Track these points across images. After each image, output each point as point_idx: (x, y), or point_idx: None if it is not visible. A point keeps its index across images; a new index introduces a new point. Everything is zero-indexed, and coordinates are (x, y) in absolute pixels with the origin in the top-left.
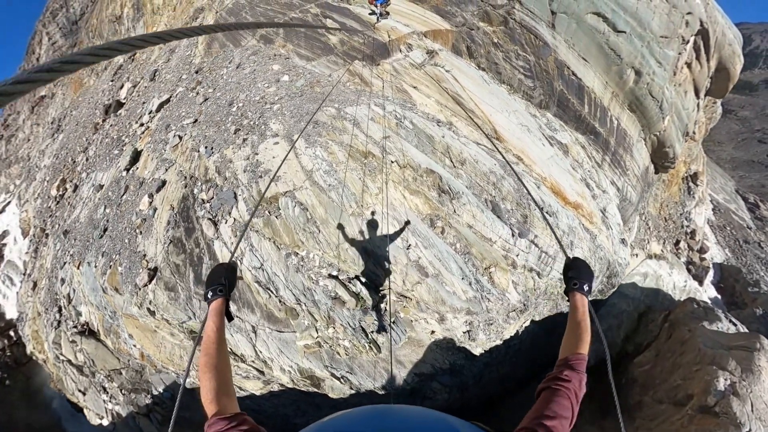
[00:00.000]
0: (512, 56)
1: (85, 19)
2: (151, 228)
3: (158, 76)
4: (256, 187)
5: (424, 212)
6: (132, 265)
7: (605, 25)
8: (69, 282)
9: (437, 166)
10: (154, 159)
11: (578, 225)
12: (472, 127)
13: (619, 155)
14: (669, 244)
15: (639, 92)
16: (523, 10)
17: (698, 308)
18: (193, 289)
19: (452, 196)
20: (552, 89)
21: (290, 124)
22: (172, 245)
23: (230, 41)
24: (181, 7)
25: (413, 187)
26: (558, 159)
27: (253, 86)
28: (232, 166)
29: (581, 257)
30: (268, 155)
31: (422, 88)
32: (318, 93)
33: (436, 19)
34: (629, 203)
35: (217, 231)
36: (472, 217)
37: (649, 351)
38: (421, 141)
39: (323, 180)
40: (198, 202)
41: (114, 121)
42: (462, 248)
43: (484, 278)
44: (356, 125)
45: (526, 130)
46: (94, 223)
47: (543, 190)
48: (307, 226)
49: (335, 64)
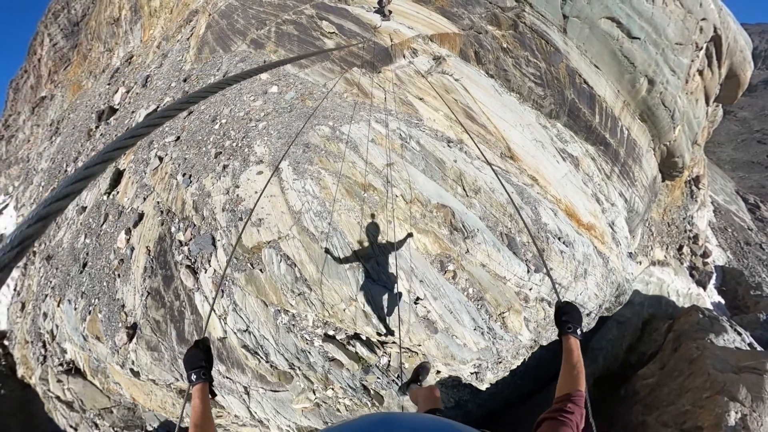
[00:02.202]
0: (522, 63)
1: (85, 20)
2: (129, 272)
3: (150, 82)
4: (235, 233)
5: (434, 253)
6: (111, 315)
7: (619, 30)
8: (51, 317)
9: (448, 195)
10: (134, 183)
11: (592, 251)
12: (485, 145)
13: (628, 166)
14: (672, 250)
15: (651, 102)
16: (533, 14)
17: (703, 318)
18: (177, 349)
19: (466, 234)
20: (563, 98)
21: (276, 147)
22: (151, 298)
23: (220, 46)
24: (177, 10)
25: (421, 225)
26: (571, 177)
27: (238, 99)
28: (210, 203)
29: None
30: (249, 189)
31: (429, 99)
32: (310, 108)
33: (442, 21)
34: (636, 214)
35: (196, 281)
36: (487, 256)
37: (654, 363)
38: (429, 166)
39: (314, 225)
40: (175, 245)
41: (104, 129)
42: (475, 294)
43: (497, 324)
44: (354, 149)
45: (540, 146)
46: (75, 253)
47: (560, 217)
48: (296, 286)
49: (331, 72)
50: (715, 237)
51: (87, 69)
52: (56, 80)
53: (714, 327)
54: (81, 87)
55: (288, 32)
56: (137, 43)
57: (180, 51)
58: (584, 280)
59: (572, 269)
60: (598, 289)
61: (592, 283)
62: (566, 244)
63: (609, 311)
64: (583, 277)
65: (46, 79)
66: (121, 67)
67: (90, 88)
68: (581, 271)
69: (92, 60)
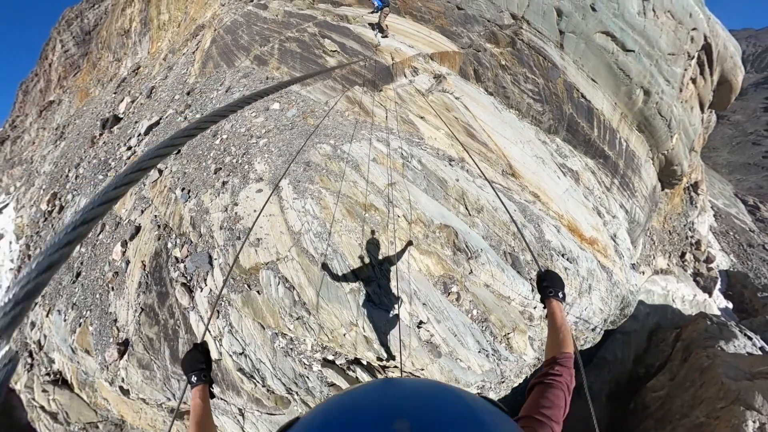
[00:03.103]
0: (521, 79)
1: (97, 30)
2: (123, 286)
3: (154, 93)
4: (233, 252)
5: (437, 274)
6: (103, 329)
7: (614, 44)
8: (39, 327)
9: (451, 215)
10: (133, 194)
11: (596, 266)
12: (487, 163)
13: (627, 177)
14: (675, 257)
15: (648, 112)
16: (530, 30)
17: (711, 325)
18: (171, 368)
19: (469, 255)
20: (561, 113)
21: (277, 164)
22: (144, 314)
23: (224, 61)
24: (185, 24)
25: (424, 246)
26: (572, 191)
27: (240, 114)
28: (209, 219)
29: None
30: (248, 208)
31: (430, 118)
32: (311, 126)
33: (442, 40)
34: (637, 225)
35: (192, 300)
36: (491, 277)
37: (663, 374)
38: (431, 185)
39: (313, 247)
40: (171, 261)
41: (107, 138)
42: (479, 315)
43: (502, 345)
44: (355, 168)
45: (541, 162)
46: (69, 262)
47: (563, 233)
48: (294, 310)
49: (333, 90)
50: (717, 241)
51: (95, 77)
52: (65, 86)
53: (723, 333)
54: (88, 94)
55: (291, 49)
56: (145, 54)
57: (185, 64)
58: (588, 296)
59: (576, 285)
60: (602, 304)
61: (597, 297)
62: (570, 260)
63: (614, 324)
64: (588, 292)
65: (55, 83)
66: (128, 77)
67: (97, 96)
68: (585, 286)
69: (101, 68)
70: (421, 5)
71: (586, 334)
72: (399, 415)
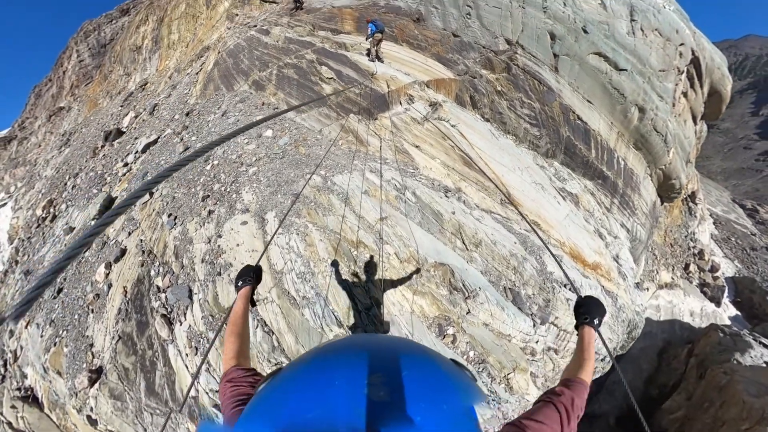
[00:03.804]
0: (517, 104)
1: (112, 44)
2: (103, 310)
3: (157, 110)
4: (212, 289)
5: (431, 315)
6: (77, 353)
7: (607, 64)
8: (17, 337)
9: (447, 250)
10: (122, 215)
11: (600, 292)
12: (484, 193)
13: (627, 196)
14: (678, 270)
15: (644, 129)
16: (525, 55)
17: (724, 337)
18: (144, 401)
19: (467, 294)
20: (558, 136)
21: (265, 195)
22: (122, 343)
23: (224, 84)
24: (192, 45)
25: (417, 287)
26: (573, 216)
27: (232, 140)
28: (191, 250)
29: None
30: (231, 242)
31: (426, 147)
32: (302, 155)
33: (438, 67)
34: (639, 242)
35: (171, 333)
36: (490, 316)
37: (678, 394)
38: (426, 218)
39: (295, 289)
40: (153, 290)
41: (108, 150)
42: (477, 357)
43: (501, 387)
44: (346, 201)
45: (540, 188)
46: None
47: (565, 262)
48: (273, 356)
49: (327, 118)
50: (720, 248)
51: (105, 89)
52: (76, 94)
53: (738, 344)
54: (97, 104)
55: (288, 76)
56: (153, 71)
57: (188, 84)
58: None
59: None
60: (609, 331)
61: (603, 325)
62: (572, 290)
63: (623, 349)
64: None
65: (67, 91)
66: (135, 91)
67: (104, 107)
68: None
69: (111, 81)
70: (417, 33)
71: (595, 364)
72: None
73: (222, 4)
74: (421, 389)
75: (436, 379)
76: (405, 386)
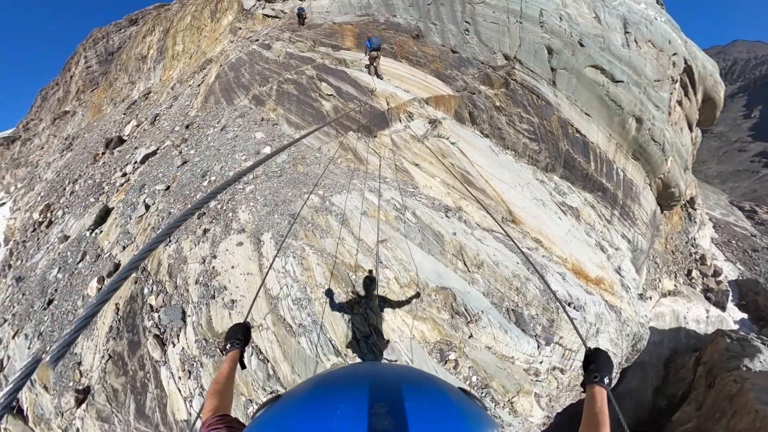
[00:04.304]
0: (516, 120)
1: (119, 52)
2: (93, 327)
3: (158, 121)
4: (206, 312)
5: (432, 341)
6: (65, 369)
7: (604, 77)
8: (5, 346)
9: (448, 272)
10: (118, 227)
11: (604, 308)
12: (486, 211)
13: (627, 207)
14: (681, 277)
15: (642, 139)
16: (523, 70)
17: (732, 342)
18: (134, 424)
19: (469, 318)
20: (558, 150)
21: (261, 215)
22: (112, 362)
23: (225, 98)
24: (196, 56)
25: (418, 312)
26: (575, 231)
27: (230, 156)
28: (185, 270)
29: (603, 348)
30: (226, 263)
31: (425, 165)
32: (301, 173)
33: (437, 83)
34: (641, 252)
35: (164, 354)
36: (493, 339)
37: (688, 404)
38: (426, 239)
39: (291, 316)
40: (146, 309)
41: (108, 158)
42: (479, 382)
43: (505, 410)
44: (344, 222)
45: (541, 204)
46: (44, 284)
47: (569, 279)
48: (268, 384)
49: (327, 135)
50: (721, 252)
51: (110, 95)
52: (82, 99)
53: (746, 350)
54: (101, 111)
55: (288, 91)
56: (157, 81)
57: (189, 96)
58: (596, 339)
59: (583, 333)
60: (613, 346)
61: (605, 340)
62: (577, 308)
63: (628, 361)
64: (595, 336)
65: (73, 95)
66: (139, 100)
67: (108, 114)
68: (593, 331)
69: (116, 88)
70: (416, 49)
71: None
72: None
73: (226, 18)
74: (427, 419)
75: (442, 409)
76: (409, 416)
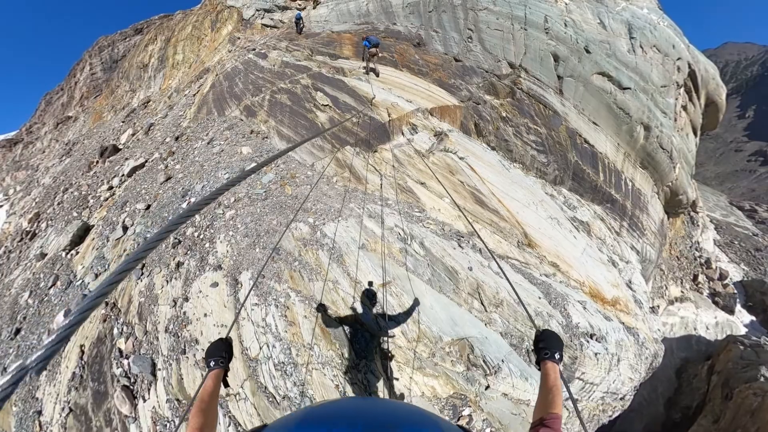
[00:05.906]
0: (523, 131)
1: (122, 60)
2: (57, 369)
3: (152, 131)
4: (176, 369)
5: (444, 396)
6: (25, 417)
7: (611, 84)
8: None
9: (462, 314)
10: (94, 249)
11: (623, 333)
12: (500, 235)
13: (635, 217)
14: (687, 282)
15: (650, 147)
16: (529, 78)
17: (745, 349)
18: None
19: (488, 371)
20: (566, 162)
21: (241, 248)
22: (73, 417)
23: (216, 108)
24: (195, 66)
25: (429, 370)
26: (590, 250)
27: (213, 174)
28: (156, 313)
29: (552, 329)
30: (199, 309)
31: (432, 184)
32: (288, 196)
33: (441, 93)
34: (650, 263)
35: (134, 409)
36: (511, 387)
37: (704, 417)
38: (437, 275)
39: (274, 385)
40: (115, 354)
41: (100, 167)
42: None
43: None
44: (338, 260)
45: (555, 223)
46: (15, 309)
47: (589, 308)
48: None
49: (321, 150)
50: (725, 254)
51: (111, 102)
52: (85, 105)
53: (761, 357)
54: (101, 117)
55: (281, 102)
56: (156, 89)
57: (184, 106)
58: (617, 368)
59: (606, 366)
60: (632, 372)
61: (625, 366)
62: (599, 340)
63: (643, 380)
64: (616, 365)
65: (76, 101)
66: (138, 108)
67: (108, 121)
68: (614, 361)
69: (117, 96)
70: (418, 58)
71: (614, 404)
72: None
73: (225, 28)
74: None
75: None
76: None
